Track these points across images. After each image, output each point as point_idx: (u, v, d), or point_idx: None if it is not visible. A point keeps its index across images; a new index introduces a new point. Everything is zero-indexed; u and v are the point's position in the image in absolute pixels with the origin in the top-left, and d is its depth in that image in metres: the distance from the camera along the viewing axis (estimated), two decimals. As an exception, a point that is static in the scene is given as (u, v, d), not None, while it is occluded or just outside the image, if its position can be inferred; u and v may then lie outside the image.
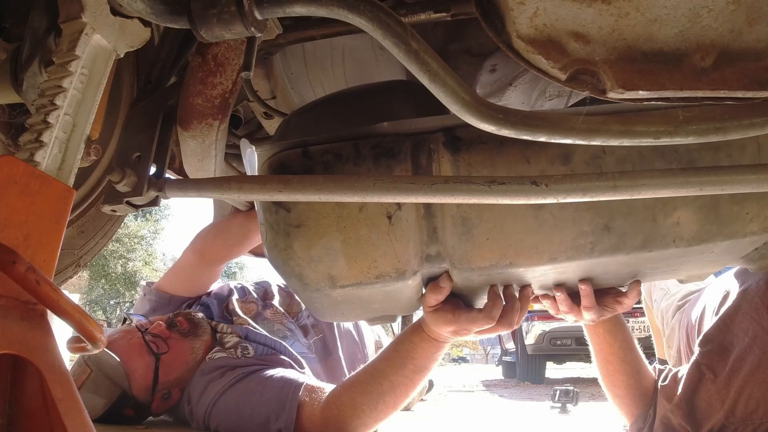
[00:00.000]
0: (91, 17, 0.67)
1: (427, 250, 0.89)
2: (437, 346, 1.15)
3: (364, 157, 0.86)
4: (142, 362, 1.56)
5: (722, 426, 1.18)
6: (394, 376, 1.18)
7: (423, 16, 0.90)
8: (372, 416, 1.22)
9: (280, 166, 0.87)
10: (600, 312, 1.09)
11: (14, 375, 0.58)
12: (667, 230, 0.87)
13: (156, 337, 1.62)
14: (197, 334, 1.67)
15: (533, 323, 6.35)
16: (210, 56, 0.81)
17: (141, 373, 1.56)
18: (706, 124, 0.66)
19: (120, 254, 21.59)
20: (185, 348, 1.63)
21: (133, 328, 1.65)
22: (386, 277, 0.88)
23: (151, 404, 1.60)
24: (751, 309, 1.21)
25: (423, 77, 0.62)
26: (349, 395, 1.26)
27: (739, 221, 0.87)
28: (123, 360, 1.54)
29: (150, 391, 1.57)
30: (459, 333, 1.06)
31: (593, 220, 0.86)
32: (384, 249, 0.87)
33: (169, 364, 1.59)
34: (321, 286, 0.89)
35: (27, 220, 0.59)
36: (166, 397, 1.62)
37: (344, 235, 0.86)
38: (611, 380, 1.31)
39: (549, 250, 0.87)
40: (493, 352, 28.92)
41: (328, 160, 0.87)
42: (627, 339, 1.27)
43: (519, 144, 0.82)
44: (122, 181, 0.78)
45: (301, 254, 0.87)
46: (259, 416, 1.36)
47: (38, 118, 0.65)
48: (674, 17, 0.59)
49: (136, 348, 1.58)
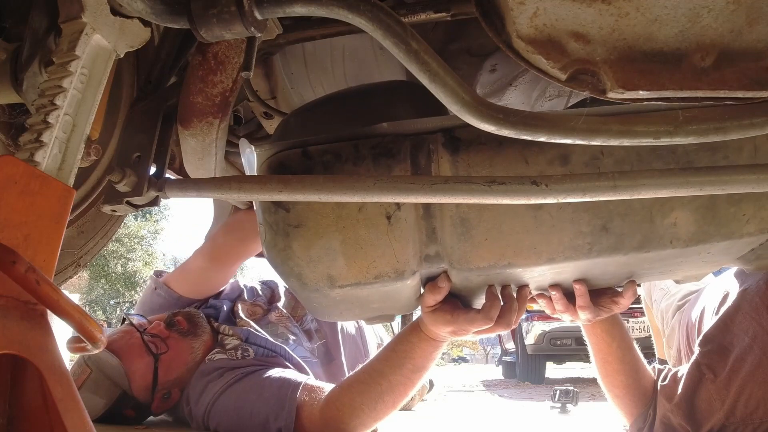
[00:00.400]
0: (91, 17, 0.67)
1: (426, 251, 0.89)
2: (435, 346, 1.15)
3: (364, 157, 0.86)
4: (141, 362, 1.56)
5: (722, 426, 1.18)
6: (393, 376, 1.19)
7: (423, 16, 0.90)
8: (371, 416, 1.22)
9: (279, 166, 0.87)
10: (596, 312, 1.10)
11: (14, 375, 0.58)
12: (664, 231, 0.87)
13: (155, 337, 1.61)
14: (197, 333, 1.67)
15: (533, 323, 6.35)
16: (210, 54, 0.81)
17: (140, 374, 1.55)
18: (706, 124, 0.66)
19: (120, 254, 21.59)
20: (184, 348, 1.63)
21: (132, 328, 1.64)
22: (385, 277, 0.88)
23: (151, 404, 1.60)
24: (751, 309, 1.21)
25: (423, 77, 0.62)
26: (348, 395, 1.26)
27: (736, 222, 0.87)
28: (122, 360, 1.54)
29: (150, 391, 1.57)
30: (457, 333, 1.06)
31: (591, 221, 0.86)
32: (383, 249, 0.87)
33: (168, 364, 1.59)
34: (320, 287, 0.89)
35: (27, 220, 0.59)
36: (166, 397, 1.62)
37: (343, 235, 0.86)
38: (610, 380, 1.31)
39: (547, 250, 0.88)
40: (493, 352, 28.92)
41: (328, 161, 0.87)
42: (625, 339, 1.27)
43: (518, 144, 0.82)
44: (122, 181, 0.78)
45: (300, 254, 0.87)
46: (259, 416, 1.36)
47: (38, 118, 0.65)
48: (674, 17, 0.58)
49: (135, 348, 1.58)
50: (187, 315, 1.72)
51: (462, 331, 1.05)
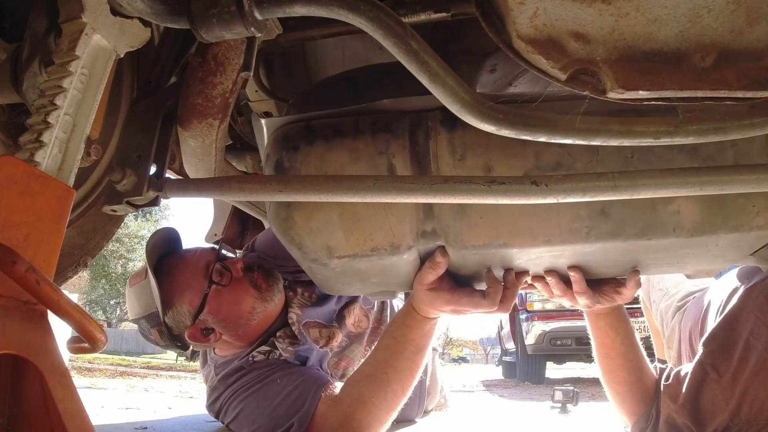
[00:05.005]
0: (91, 17, 0.67)
1: (422, 227, 0.91)
2: (431, 323, 1.17)
3: (363, 131, 0.90)
4: (194, 282, 1.50)
5: (726, 427, 1.17)
6: (397, 362, 1.19)
7: (423, 16, 0.91)
8: (383, 408, 1.21)
9: (284, 138, 0.91)
10: (596, 298, 1.11)
11: (14, 375, 0.57)
12: (667, 218, 0.86)
13: (226, 270, 1.54)
14: (264, 297, 1.57)
15: (533, 323, 6.35)
16: (210, 56, 0.81)
17: (190, 295, 1.49)
18: (706, 124, 0.66)
19: (120, 254, 21.61)
20: (245, 298, 1.54)
21: (212, 251, 1.59)
22: (381, 250, 0.92)
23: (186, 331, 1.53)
24: (755, 308, 1.20)
25: (423, 77, 0.62)
26: (357, 390, 1.25)
27: (745, 214, 0.86)
28: (175, 274, 1.50)
29: (192, 316, 1.50)
30: (457, 311, 1.08)
31: (589, 204, 0.86)
32: (380, 224, 0.90)
33: (220, 299, 1.51)
34: (319, 256, 0.93)
35: (27, 220, 0.59)
36: (206, 333, 1.53)
37: (342, 208, 0.90)
38: (612, 377, 1.30)
39: (544, 232, 0.89)
40: (493, 352, 28.93)
41: (328, 134, 0.90)
42: (629, 334, 1.26)
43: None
44: (122, 181, 0.78)
45: (301, 224, 0.91)
46: (276, 410, 1.36)
47: (38, 118, 0.65)
48: (674, 17, 0.58)
49: (197, 268, 1.52)
50: (269, 274, 1.61)
51: (462, 311, 1.07)
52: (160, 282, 1.49)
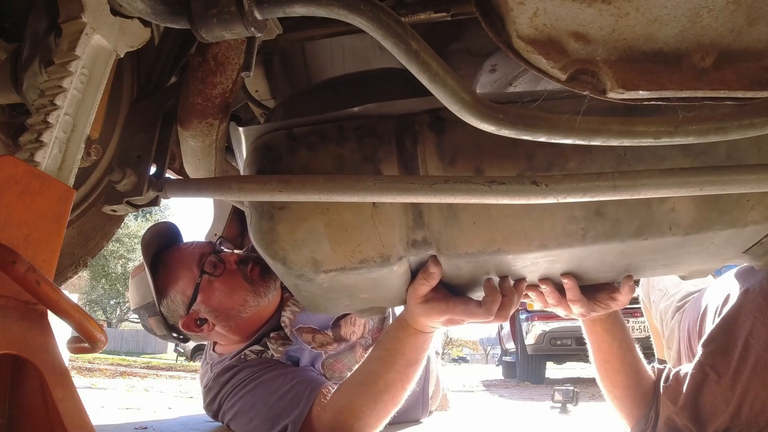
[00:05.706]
0: (91, 17, 0.67)
1: (412, 236, 0.87)
2: (425, 338, 1.13)
3: (348, 137, 0.86)
4: (187, 272, 1.54)
5: (727, 428, 1.17)
6: (388, 374, 1.17)
7: (423, 16, 0.90)
8: (373, 416, 1.21)
9: (264, 148, 0.87)
10: (590, 306, 1.09)
11: (14, 375, 0.57)
12: (662, 217, 0.85)
13: (220, 262, 1.56)
14: (257, 292, 1.58)
15: (533, 323, 6.35)
16: (210, 56, 0.81)
17: (182, 284, 1.52)
18: (706, 124, 0.66)
19: (120, 254, 21.61)
20: (237, 289, 1.56)
21: (208, 244, 1.63)
22: (371, 262, 0.87)
23: (180, 320, 1.56)
24: (754, 308, 1.20)
25: (423, 77, 0.62)
26: (347, 397, 1.25)
27: (740, 209, 0.85)
28: (171, 263, 1.54)
29: (186, 306, 1.53)
30: (453, 322, 1.05)
31: (585, 205, 0.84)
32: (368, 233, 0.85)
33: (212, 289, 1.53)
34: (305, 271, 0.88)
35: (27, 220, 0.59)
36: (199, 324, 1.56)
37: (328, 218, 0.85)
38: (610, 381, 1.30)
39: (539, 236, 0.86)
40: (493, 352, 28.93)
41: (312, 141, 0.86)
42: (626, 339, 1.26)
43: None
44: (122, 181, 0.78)
45: (285, 237, 0.85)
46: (272, 411, 1.37)
47: (38, 118, 0.65)
48: (674, 17, 0.58)
49: (191, 258, 1.56)
50: (266, 270, 1.59)
51: (458, 321, 1.04)
52: (157, 272, 1.54)
